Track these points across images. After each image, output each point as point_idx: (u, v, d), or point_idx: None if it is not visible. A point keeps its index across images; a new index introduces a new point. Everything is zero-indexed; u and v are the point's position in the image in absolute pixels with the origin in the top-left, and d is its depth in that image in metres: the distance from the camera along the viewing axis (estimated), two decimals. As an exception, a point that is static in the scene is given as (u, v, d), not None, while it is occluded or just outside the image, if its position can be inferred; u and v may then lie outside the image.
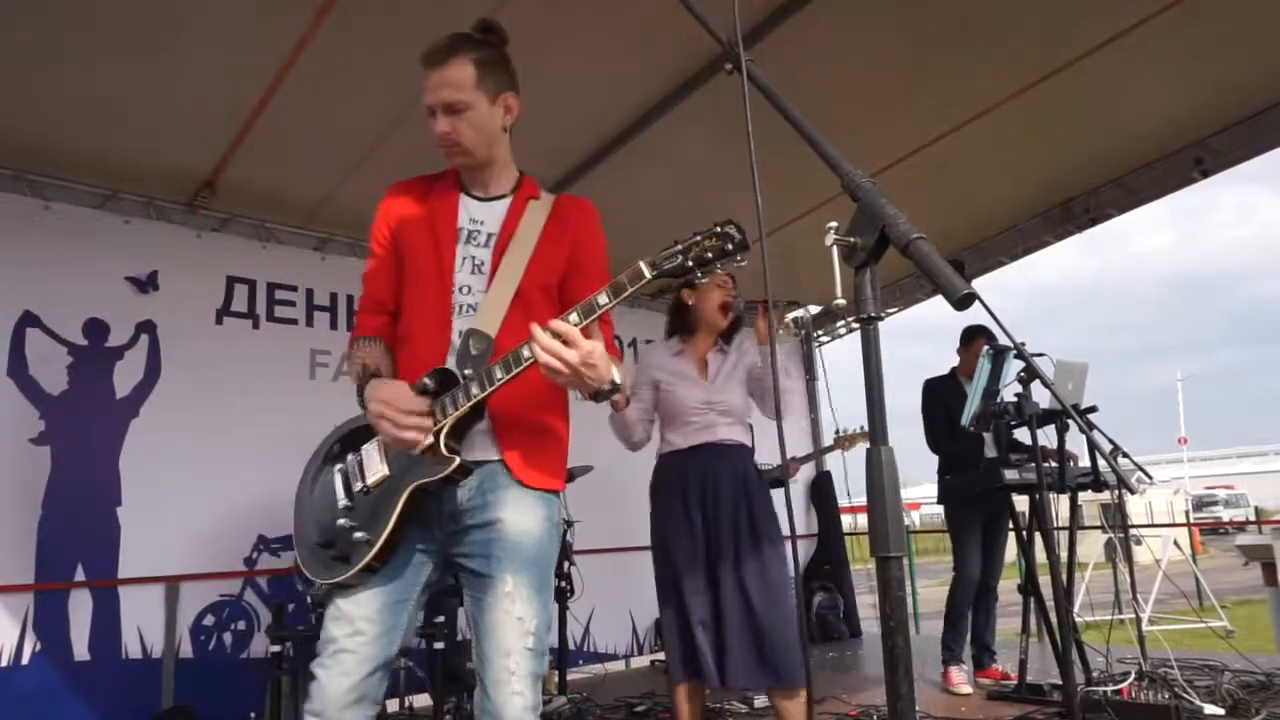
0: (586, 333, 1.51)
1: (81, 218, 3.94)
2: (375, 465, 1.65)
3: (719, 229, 1.52)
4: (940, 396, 4.43)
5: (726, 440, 2.95)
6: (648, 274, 1.52)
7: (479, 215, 1.78)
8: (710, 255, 1.51)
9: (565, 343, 1.48)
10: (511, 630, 1.60)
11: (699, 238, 1.52)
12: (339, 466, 1.70)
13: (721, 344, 3.07)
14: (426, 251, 1.75)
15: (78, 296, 3.85)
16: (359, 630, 1.60)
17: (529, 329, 1.51)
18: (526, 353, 1.53)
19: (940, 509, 4.48)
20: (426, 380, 1.61)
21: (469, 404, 1.58)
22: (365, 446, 1.69)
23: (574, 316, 1.52)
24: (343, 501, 1.65)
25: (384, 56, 3.06)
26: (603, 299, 1.53)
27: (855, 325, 1.52)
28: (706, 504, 2.86)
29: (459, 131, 1.69)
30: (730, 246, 1.50)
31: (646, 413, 3.01)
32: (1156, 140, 4.49)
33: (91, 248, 3.93)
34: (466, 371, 1.62)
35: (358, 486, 1.66)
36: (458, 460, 1.57)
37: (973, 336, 4.48)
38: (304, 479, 1.77)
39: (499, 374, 1.56)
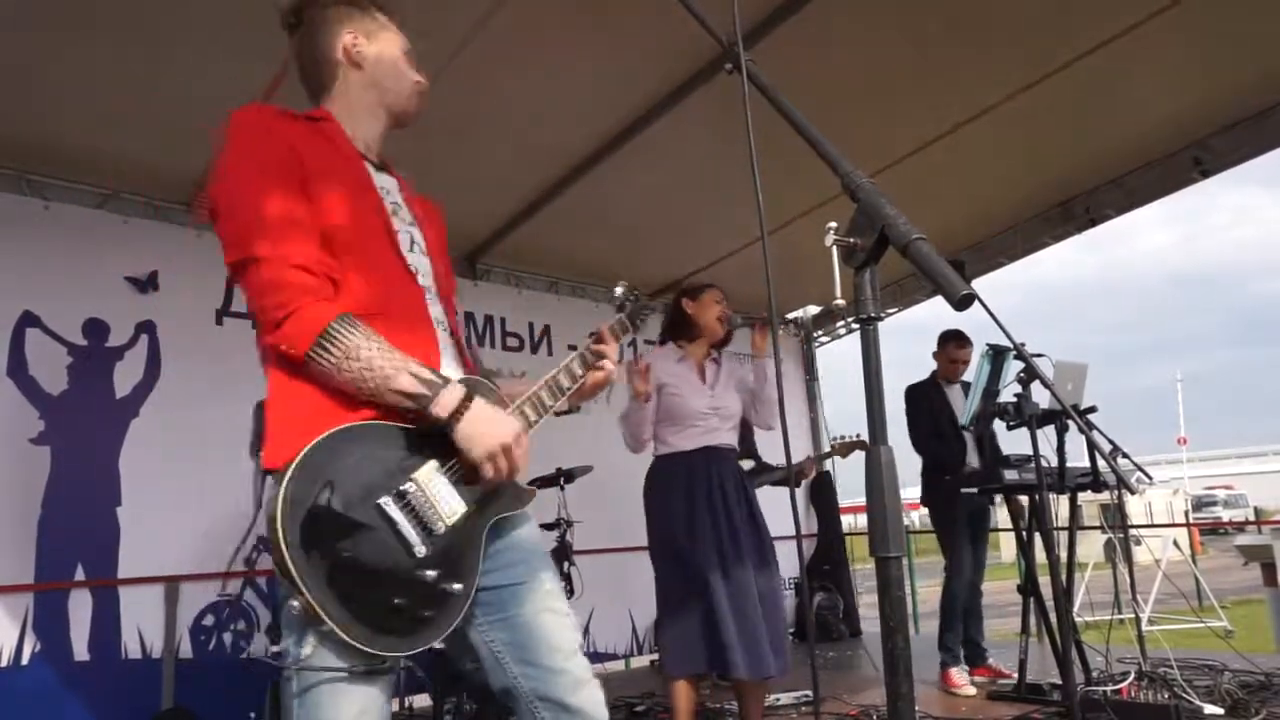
0: None
1: (81, 218, 3.94)
2: (452, 499, 1.34)
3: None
4: (924, 401, 4.47)
5: (727, 444, 3.12)
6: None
7: (383, 184, 1.50)
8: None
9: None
10: (566, 626, 1.46)
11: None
12: (389, 501, 1.27)
13: (714, 353, 3.23)
14: (367, 213, 1.41)
15: (78, 296, 3.85)
16: (379, 712, 1.31)
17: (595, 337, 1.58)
18: (581, 368, 1.56)
19: (927, 510, 4.51)
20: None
21: (545, 416, 1.49)
22: (423, 474, 1.32)
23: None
24: (420, 548, 1.29)
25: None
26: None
27: (855, 325, 1.52)
28: (715, 503, 2.96)
29: None
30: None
31: (653, 414, 3.10)
32: (1156, 141, 4.50)
33: (91, 248, 3.92)
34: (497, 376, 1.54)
35: (439, 528, 1.31)
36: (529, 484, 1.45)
37: (945, 341, 4.53)
38: (324, 517, 1.22)
39: (565, 382, 1.52)
